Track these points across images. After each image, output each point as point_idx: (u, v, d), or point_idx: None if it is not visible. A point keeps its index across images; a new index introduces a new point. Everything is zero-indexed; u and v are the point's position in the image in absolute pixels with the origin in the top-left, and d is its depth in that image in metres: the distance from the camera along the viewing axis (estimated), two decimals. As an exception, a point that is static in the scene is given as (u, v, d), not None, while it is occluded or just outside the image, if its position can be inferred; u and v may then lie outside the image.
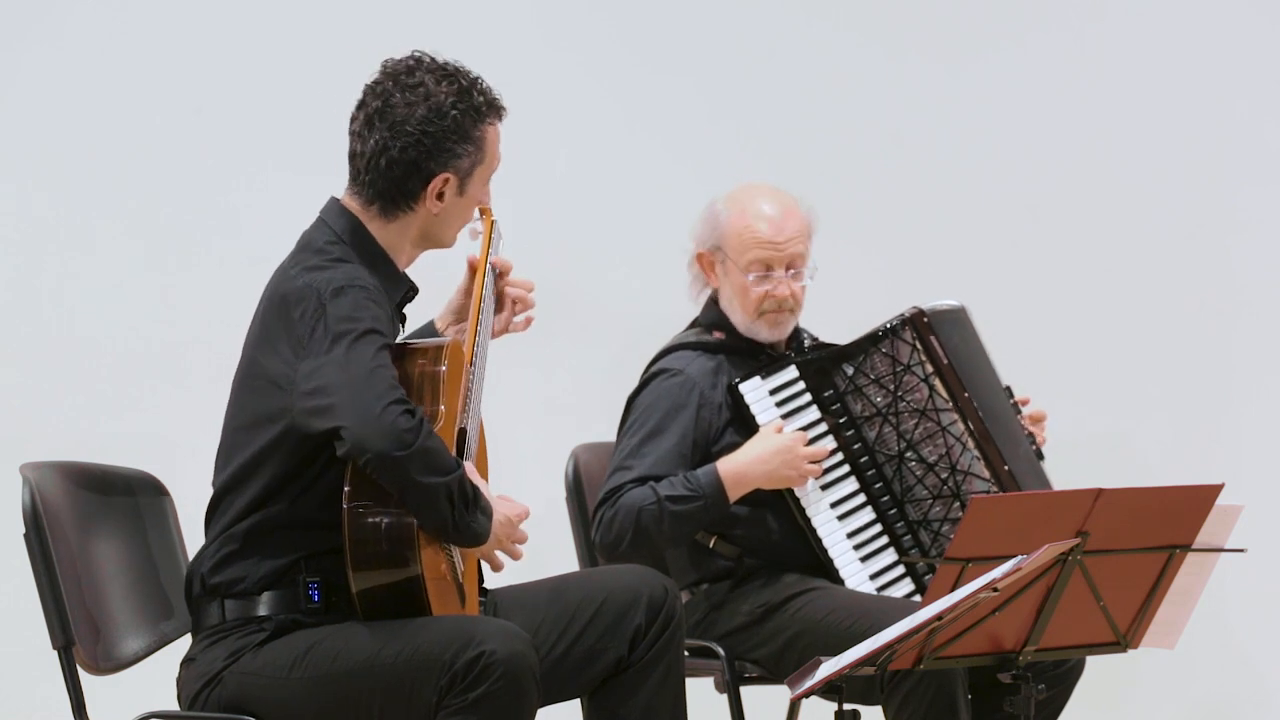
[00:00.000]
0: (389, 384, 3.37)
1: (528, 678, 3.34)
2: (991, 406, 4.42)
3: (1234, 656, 5.75)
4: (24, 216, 5.15)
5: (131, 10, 5.21)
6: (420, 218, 3.59)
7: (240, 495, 3.50)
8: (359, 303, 3.43)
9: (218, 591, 3.50)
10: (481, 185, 3.62)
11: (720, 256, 4.37)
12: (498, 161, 3.64)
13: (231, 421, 3.56)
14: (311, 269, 3.51)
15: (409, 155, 3.54)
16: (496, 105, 3.62)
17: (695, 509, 4.22)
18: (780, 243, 4.35)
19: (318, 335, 3.41)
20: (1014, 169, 5.74)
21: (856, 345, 4.36)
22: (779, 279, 4.34)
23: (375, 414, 3.33)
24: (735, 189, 4.43)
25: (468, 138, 3.57)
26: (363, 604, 3.43)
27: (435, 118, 3.54)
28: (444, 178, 3.56)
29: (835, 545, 4.31)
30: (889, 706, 4.05)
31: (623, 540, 4.22)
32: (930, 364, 4.34)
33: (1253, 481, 5.46)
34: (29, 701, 4.92)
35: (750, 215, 4.36)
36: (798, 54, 5.65)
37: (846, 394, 4.33)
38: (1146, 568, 3.51)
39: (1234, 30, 5.84)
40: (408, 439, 3.33)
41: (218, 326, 5.17)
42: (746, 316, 4.36)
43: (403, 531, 3.41)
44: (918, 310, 4.37)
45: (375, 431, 3.32)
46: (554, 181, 5.45)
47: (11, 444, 4.92)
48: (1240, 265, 5.81)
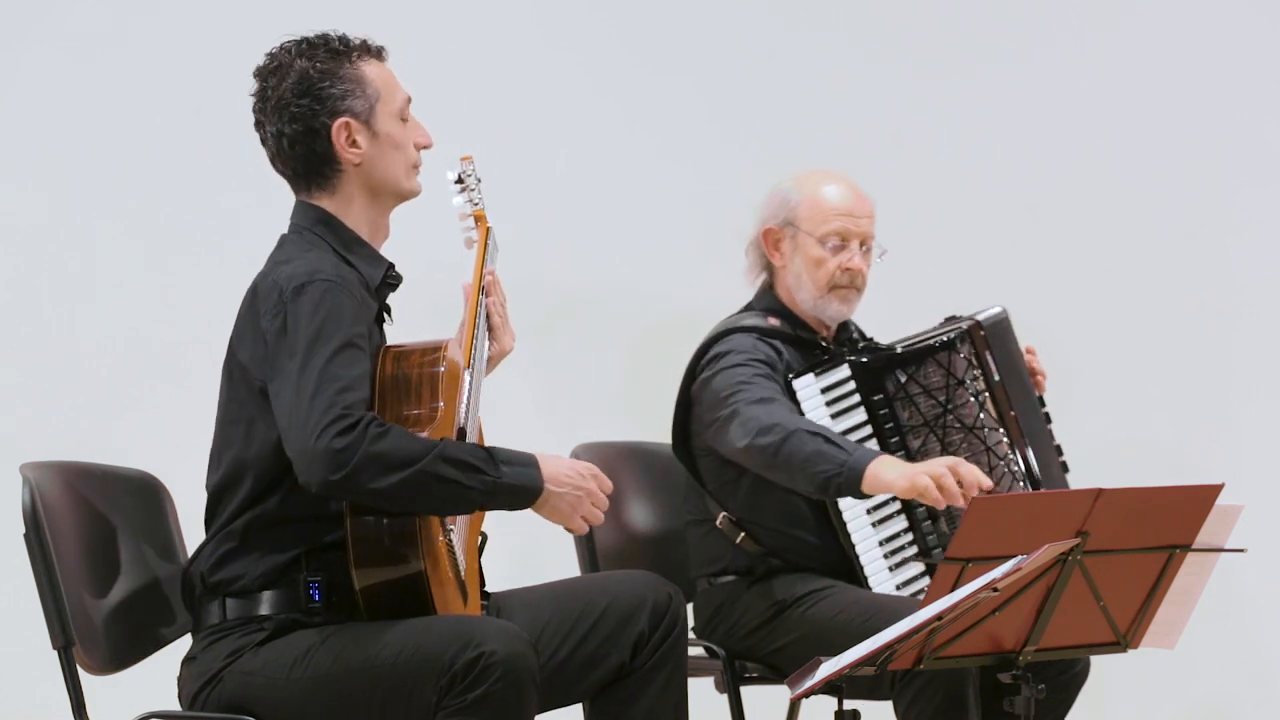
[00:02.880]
0: (328, 403, 3.37)
1: (527, 679, 3.34)
2: (1031, 424, 4.41)
3: (1234, 656, 5.75)
4: (24, 216, 5.14)
5: (131, 10, 5.21)
6: (351, 175, 3.61)
7: (236, 491, 3.51)
8: (319, 300, 3.45)
9: (218, 590, 3.50)
10: (393, 121, 3.63)
11: (791, 231, 4.38)
12: (398, 92, 3.65)
13: (221, 418, 3.58)
14: (280, 262, 3.56)
15: (300, 123, 3.59)
16: (358, 45, 3.65)
17: (834, 455, 4.07)
18: (859, 216, 4.39)
19: (283, 346, 3.43)
20: (1014, 170, 5.73)
21: (913, 353, 4.33)
22: (854, 252, 4.36)
23: (309, 446, 3.35)
24: (800, 173, 4.46)
25: (339, 78, 3.59)
26: (366, 601, 3.43)
27: (301, 79, 3.59)
28: (340, 124, 3.58)
29: (867, 552, 4.29)
30: (899, 703, 4.05)
31: (767, 451, 4.13)
32: (983, 380, 4.33)
33: (1253, 481, 5.47)
34: (29, 701, 4.91)
35: (826, 189, 4.39)
36: (798, 54, 5.64)
37: (896, 400, 4.31)
38: (1146, 568, 3.51)
39: (1234, 31, 5.84)
40: (343, 459, 3.33)
41: (218, 326, 5.14)
42: (817, 290, 4.36)
43: (405, 528, 3.41)
44: (975, 323, 4.37)
45: (311, 463, 3.35)
46: (554, 181, 5.45)
47: (11, 444, 4.93)
48: (1240, 265, 5.81)
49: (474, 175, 3.90)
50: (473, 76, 5.35)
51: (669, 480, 4.55)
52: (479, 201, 3.92)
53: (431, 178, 3.76)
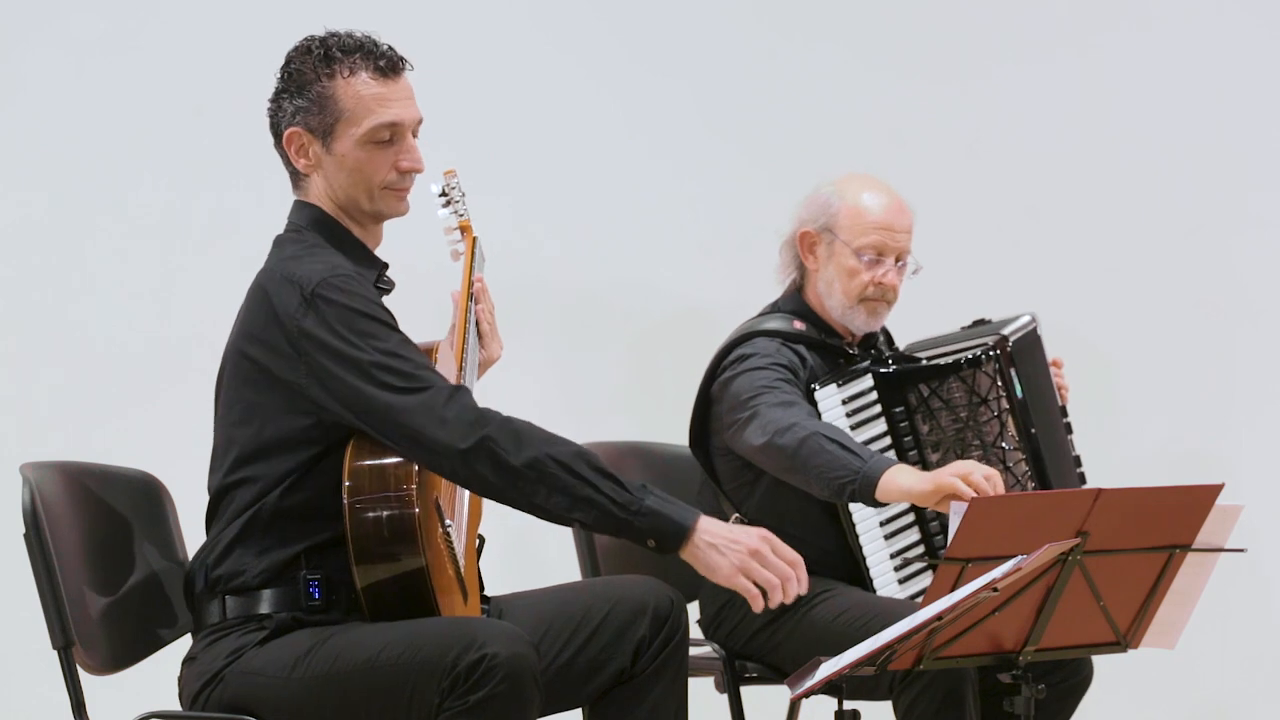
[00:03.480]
0: (434, 378, 3.38)
1: (529, 681, 3.32)
2: (1052, 440, 4.38)
3: (1234, 656, 5.75)
4: (24, 217, 5.14)
5: (131, 11, 5.21)
6: (314, 183, 3.58)
7: (240, 489, 3.50)
8: (352, 292, 3.43)
9: (218, 586, 3.49)
10: (355, 143, 3.53)
11: (828, 238, 4.34)
12: (370, 117, 3.52)
13: (226, 418, 3.55)
14: (286, 259, 3.53)
15: (270, 121, 3.59)
16: (356, 59, 3.55)
17: (849, 462, 4.02)
18: (897, 231, 4.34)
19: (334, 340, 3.40)
20: (1015, 170, 5.73)
21: (937, 368, 4.30)
22: (889, 267, 4.33)
23: (438, 414, 3.35)
24: (844, 176, 4.42)
25: (301, 93, 3.54)
26: (368, 599, 3.43)
27: (281, 78, 3.59)
28: (291, 133, 3.56)
29: (878, 565, 4.27)
30: (899, 704, 4.04)
31: (786, 452, 4.10)
32: (1006, 399, 4.27)
33: (1253, 481, 5.47)
34: (29, 701, 4.92)
35: (868, 200, 4.35)
36: (798, 55, 5.64)
37: (916, 413, 4.28)
38: (1146, 568, 3.51)
39: (1240, 33, 5.84)
40: (478, 425, 3.35)
41: (218, 326, 5.16)
42: (846, 301, 4.33)
43: (405, 523, 3.40)
44: (1002, 339, 4.31)
45: (440, 430, 3.35)
46: (553, 181, 5.44)
47: (11, 444, 4.93)
48: (1242, 266, 5.81)
49: (458, 188, 3.90)
50: (472, 77, 5.35)
51: (673, 480, 4.54)
52: (464, 213, 3.92)
53: (421, 181, 3.71)
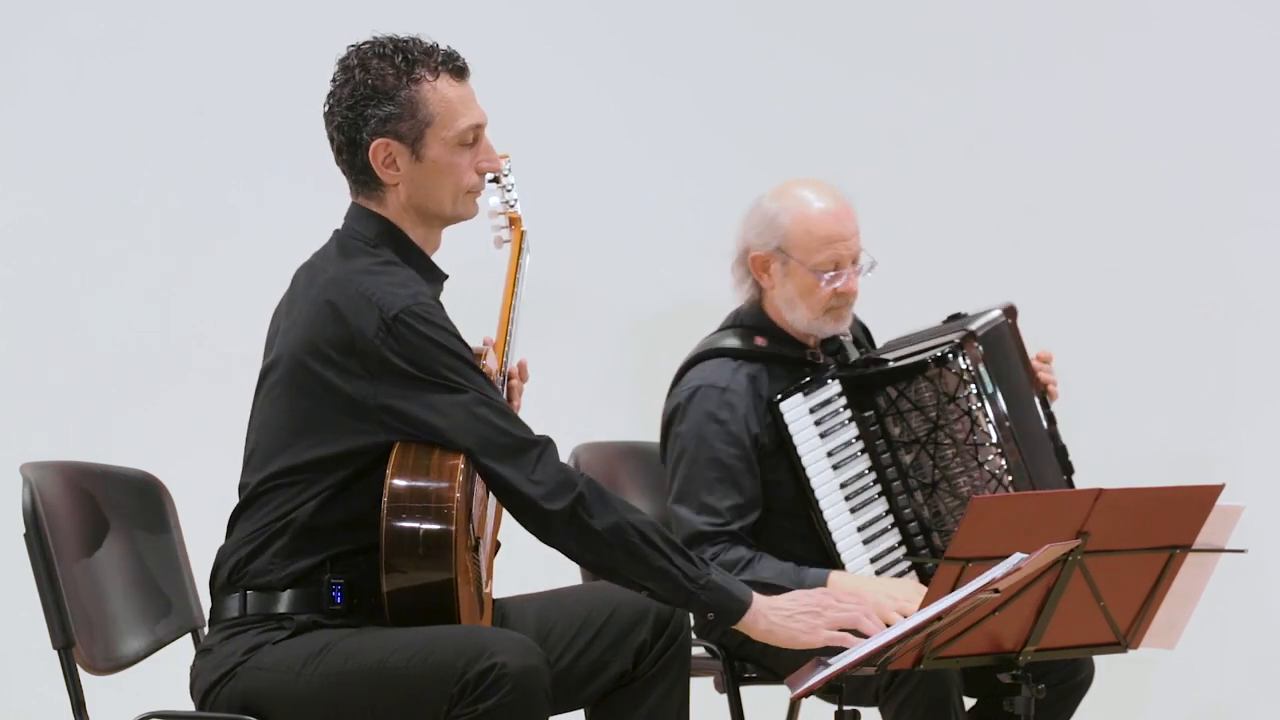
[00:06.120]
0: (526, 433, 3.45)
1: (539, 692, 3.30)
2: (1029, 430, 4.33)
3: (1234, 656, 5.75)
4: (24, 217, 5.14)
5: (131, 11, 5.21)
6: (394, 192, 3.54)
7: (278, 493, 3.46)
8: (440, 324, 3.43)
9: (241, 581, 3.47)
10: (445, 146, 3.53)
11: (781, 258, 4.27)
12: (460, 119, 3.53)
13: (274, 420, 3.50)
14: (361, 272, 3.48)
15: (344, 134, 3.53)
16: (435, 62, 3.55)
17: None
18: (848, 239, 4.26)
19: (424, 373, 3.40)
20: (1015, 170, 5.73)
21: (903, 370, 4.23)
22: (847, 274, 4.28)
23: (531, 474, 3.42)
24: (781, 186, 4.32)
25: (389, 99, 3.50)
26: (391, 604, 3.41)
27: (355, 89, 3.52)
28: (380, 144, 3.51)
29: (859, 571, 4.24)
30: (886, 711, 4.03)
31: None
32: (976, 396, 4.20)
33: (1253, 481, 5.47)
34: (29, 701, 4.91)
35: (814, 214, 4.26)
36: (797, 55, 5.64)
37: (886, 416, 4.23)
38: (1147, 568, 3.50)
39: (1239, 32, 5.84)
40: (568, 486, 3.43)
41: (218, 326, 5.18)
42: (810, 315, 4.26)
43: (440, 537, 3.39)
44: (968, 334, 4.24)
45: (541, 490, 3.42)
46: (553, 181, 5.44)
47: (11, 444, 4.93)
48: (1242, 266, 5.81)
49: (510, 175, 3.86)
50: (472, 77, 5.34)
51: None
52: (514, 204, 3.87)
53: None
